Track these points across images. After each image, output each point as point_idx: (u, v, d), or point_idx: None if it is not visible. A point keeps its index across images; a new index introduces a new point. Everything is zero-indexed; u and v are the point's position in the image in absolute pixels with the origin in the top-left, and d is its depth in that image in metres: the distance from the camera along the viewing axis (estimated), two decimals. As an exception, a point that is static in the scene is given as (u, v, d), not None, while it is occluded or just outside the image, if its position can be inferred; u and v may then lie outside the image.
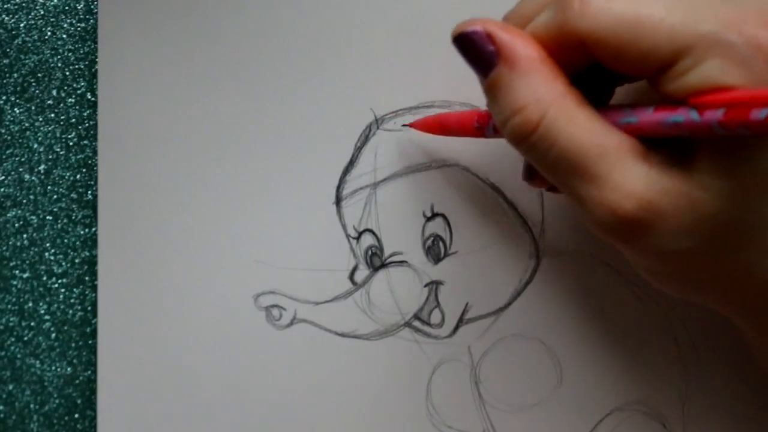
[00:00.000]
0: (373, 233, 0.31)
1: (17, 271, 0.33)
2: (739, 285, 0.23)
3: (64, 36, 0.33)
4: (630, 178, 0.21)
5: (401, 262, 0.31)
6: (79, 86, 0.33)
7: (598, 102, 0.22)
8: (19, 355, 0.33)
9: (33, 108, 0.33)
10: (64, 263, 0.33)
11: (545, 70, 0.22)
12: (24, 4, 0.33)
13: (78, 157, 0.33)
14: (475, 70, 0.23)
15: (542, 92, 0.22)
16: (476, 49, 0.23)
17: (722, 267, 0.22)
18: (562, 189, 0.23)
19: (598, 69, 0.22)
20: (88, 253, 0.33)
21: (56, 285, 0.33)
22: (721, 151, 0.21)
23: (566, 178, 0.22)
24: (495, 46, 0.22)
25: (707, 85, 0.20)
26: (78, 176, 0.33)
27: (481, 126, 0.26)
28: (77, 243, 0.33)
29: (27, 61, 0.33)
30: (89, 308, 0.33)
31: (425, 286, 0.31)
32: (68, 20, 0.33)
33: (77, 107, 0.33)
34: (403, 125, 0.31)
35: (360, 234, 0.31)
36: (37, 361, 0.33)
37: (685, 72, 0.20)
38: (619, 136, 0.21)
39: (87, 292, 0.33)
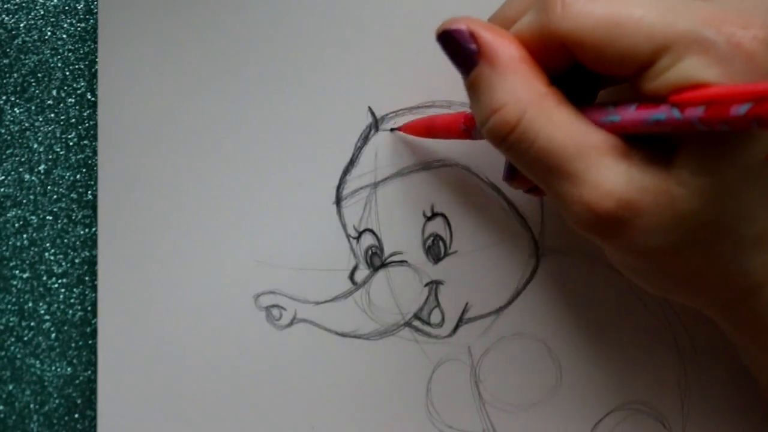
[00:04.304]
0: (373, 233, 0.31)
1: (17, 271, 0.33)
2: (717, 280, 0.23)
3: (64, 36, 0.33)
4: (609, 177, 0.21)
5: (401, 262, 0.31)
6: (79, 86, 0.33)
7: (583, 103, 0.23)
8: (19, 355, 0.33)
9: (33, 108, 0.33)
10: (64, 263, 0.33)
11: (525, 70, 0.22)
12: (24, 4, 0.33)
13: (78, 157, 0.33)
14: (457, 68, 0.23)
15: (521, 92, 0.22)
16: (459, 47, 0.23)
17: (701, 263, 0.23)
18: (542, 187, 0.23)
19: (583, 70, 0.22)
20: (88, 253, 0.33)
21: (56, 285, 0.33)
22: (700, 149, 0.21)
23: (546, 176, 0.22)
24: (477, 44, 0.22)
25: (687, 83, 0.20)
26: (78, 176, 0.33)
27: (468, 128, 0.26)
28: (77, 243, 0.33)
29: (27, 61, 0.33)
30: (89, 308, 0.33)
31: (425, 285, 0.31)
32: (68, 20, 0.33)
33: (77, 107, 0.33)
34: (392, 129, 0.31)
35: (360, 234, 0.31)
36: (37, 361, 0.33)
37: (664, 70, 0.20)
38: (599, 135, 0.22)
39: (87, 292, 0.33)
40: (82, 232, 0.33)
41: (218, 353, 0.32)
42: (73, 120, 0.33)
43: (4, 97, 0.33)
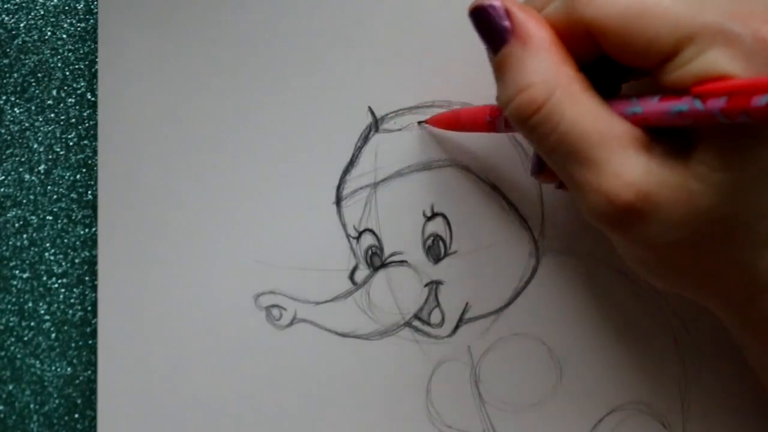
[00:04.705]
0: (373, 233, 0.31)
1: (17, 271, 0.33)
2: (728, 278, 0.23)
3: (64, 36, 0.33)
4: (630, 168, 0.21)
5: (401, 262, 0.31)
6: (79, 86, 0.33)
7: (606, 96, 0.23)
8: (19, 355, 0.33)
9: (33, 108, 0.33)
10: (64, 263, 0.33)
11: (556, 52, 0.22)
12: (24, 4, 0.33)
13: (78, 157, 0.33)
14: (487, 45, 0.23)
15: (551, 73, 0.22)
16: (491, 24, 0.23)
17: (713, 260, 0.22)
18: (560, 174, 0.23)
19: (605, 65, 0.22)
20: (88, 253, 0.33)
21: (56, 285, 0.33)
22: (720, 145, 0.21)
23: (566, 162, 0.22)
24: (510, 22, 0.22)
25: (710, 74, 0.20)
26: (78, 176, 0.33)
27: (493, 120, 0.26)
28: (77, 243, 0.33)
29: (27, 61, 0.33)
30: (89, 308, 0.33)
31: (425, 285, 0.31)
32: (68, 20, 0.33)
33: (77, 107, 0.33)
34: (419, 122, 0.31)
35: (360, 234, 0.31)
36: (37, 361, 0.33)
37: (688, 61, 0.20)
38: (622, 125, 0.22)
39: (87, 292, 0.33)
40: (82, 232, 0.33)
41: (218, 353, 0.32)
42: (73, 120, 0.33)
43: (4, 97, 0.33)
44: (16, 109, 0.33)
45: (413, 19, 0.31)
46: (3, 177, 0.33)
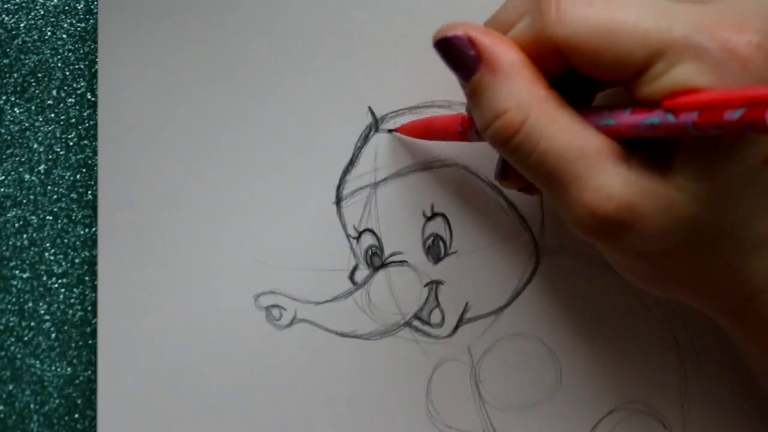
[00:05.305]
0: (373, 233, 0.31)
1: (17, 271, 0.33)
2: (717, 284, 0.23)
3: (64, 36, 0.33)
4: (610, 180, 0.21)
5: (401, 262, 0.31)
6: (79, 86, 0.33)
7: (581, 106, 0.23)
8: (19, 355, 0.33)
9: (33, 108, 0.33)
10: (64, 263, 0.33)
11: (526, 74, 0.22)
12: (24, 4, 0.33)
13: (78, 157, 0.33)
14: (457, 75, 0.23)
15: (524, 96, 0.22)
16: (458, 54, 0.23)
17: (700, 267, 0.23)
18: (543, 190, 0.23)
19: (578, 77, 0.22)
20: (88, 253, 0.33)
21: (56, 285, 0.33)
22: (696, 154, 0.21)
23: (547, 179, 0.22)
24: (476, 50, 0.22)
25: (680, 88, 0.20)
26: (78, 176, 0.33)
27: (464, 130, 0.26)
28: (77, 243, 0.33)
29: (27, 61, 0.33)
30: (89, 308, 0.33)
31: (425, 285, 0.31)
32: (68, 20, 0.33)
33: (77, 107, 0.33)
34: (389, 130, 0.31)
35: (360, 234, 0.31)
36: (37, 361, 0.33)
37: (658, 76, 0.20)
38: (599, 138, 0.22)
39: (87, 292, 0.33)
40: (82, 232, 0.33)
41: (218, 353, 0.32)
42: (73, 120, 0.33)
43: (4, 97, 0.33)
44: (16, 109, 0.33)
45: (413, 20, 0.31)
46: (3, 177, 0.33)
